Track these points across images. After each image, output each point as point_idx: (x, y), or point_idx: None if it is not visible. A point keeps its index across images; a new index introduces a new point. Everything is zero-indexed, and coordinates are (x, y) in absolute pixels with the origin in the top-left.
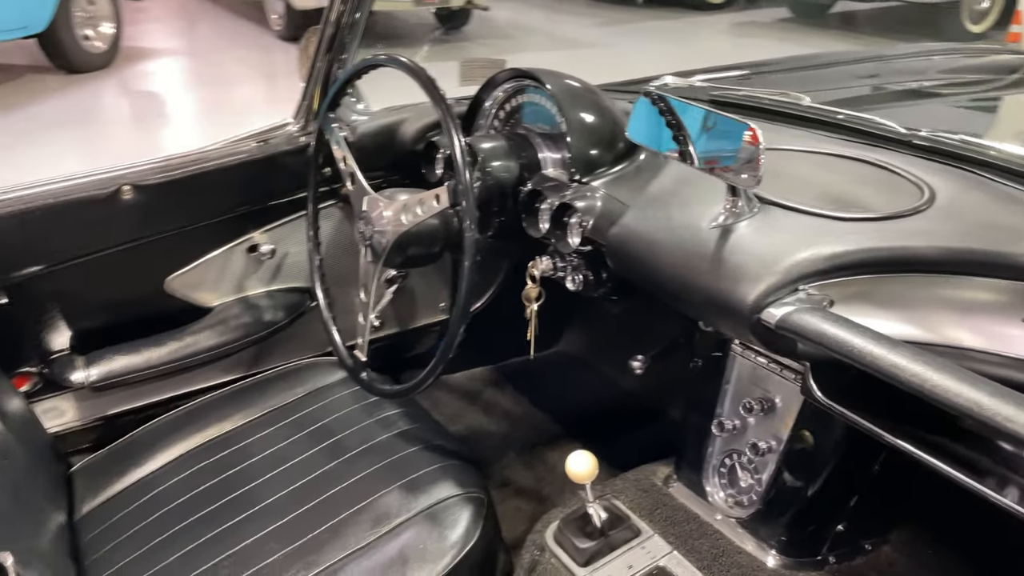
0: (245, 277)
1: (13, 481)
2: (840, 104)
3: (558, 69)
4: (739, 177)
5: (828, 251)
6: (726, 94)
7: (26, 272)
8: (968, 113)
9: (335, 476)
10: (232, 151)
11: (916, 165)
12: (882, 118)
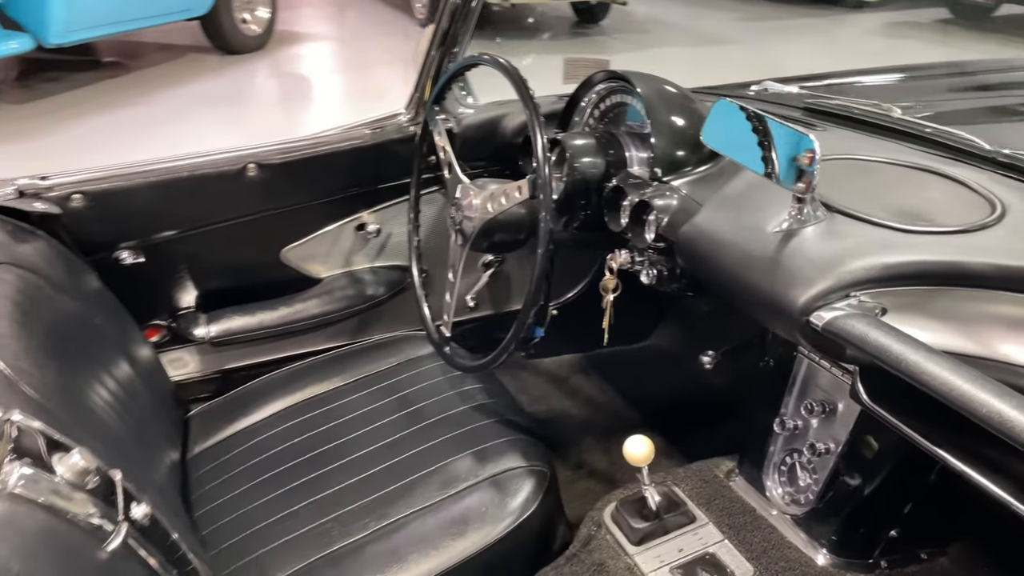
0: (352, 253)
1: (137, 419)
2: (938, 117)
3: (691, 65)
4: (795, 185)
5: (883, 260)
6: (820, 102)
7: (162, 236)
8: None
9: (413, 440)
10: (347, 137)
11: (996, 182)
12: (974, 134)
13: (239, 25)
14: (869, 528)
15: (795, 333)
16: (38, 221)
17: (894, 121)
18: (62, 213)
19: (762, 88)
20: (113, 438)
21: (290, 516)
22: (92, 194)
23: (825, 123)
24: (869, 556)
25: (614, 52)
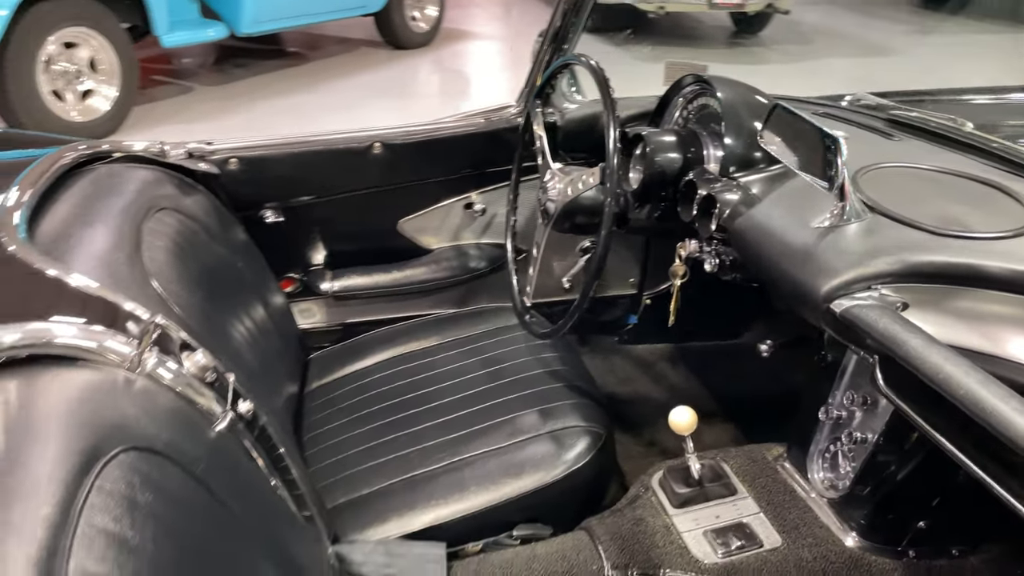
0: (460, 229)
1: (266, 355)
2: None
3: (842, 74)
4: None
5: (905, 257)
6: (900, 114)
7: (300, 200)
8: None
9: (490, 394)
10: (462, 124)
11: None
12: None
13: (408, 22)
14: (897, 516)
15: (819, 319)
16: (201, 179)
17: (964, 135)
18: (220, 174)
19: (856, 99)
20: (241, 361)
21: (380, 445)
22: (246, 159)
23: (902, 134)
24: (897, 544)
25: (765, 63)
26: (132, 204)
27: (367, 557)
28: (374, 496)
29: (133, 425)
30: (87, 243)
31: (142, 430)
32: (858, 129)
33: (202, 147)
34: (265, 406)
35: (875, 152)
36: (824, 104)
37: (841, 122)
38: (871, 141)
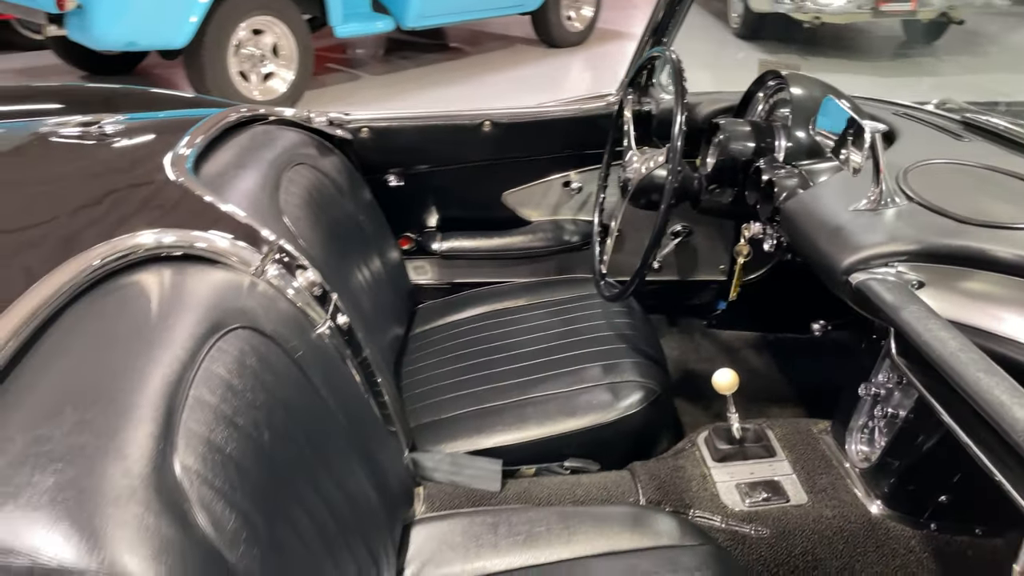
0: (558, 204)
1: (378, 299)
2: None
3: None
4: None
5: (925, 239)
6: (974, 118)
7: (418, 168)
8: None
9: (562, 348)
10: (564, 108)
11: None
12: None
13: (564, 21)
14: (919, 488)
15: (840, 290)
16: (337, 143)
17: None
18: (353, 140)
19: (941, 102)
20: (354, 300)
21: (461, 382)
22: (376, 129)
23: (974, 136)
24: (919, 516)
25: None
26: (278, 157)
27: (437, 464)
28: (450, 420)
29: (250, 313)
30: (238, 182)
31: (257, 318)
32: (930, 129)
33: (340, 116)
34: (372, 341)
35: (935, 150)
36: (907, 106)
37: (917, 122)
38: (937, 140)
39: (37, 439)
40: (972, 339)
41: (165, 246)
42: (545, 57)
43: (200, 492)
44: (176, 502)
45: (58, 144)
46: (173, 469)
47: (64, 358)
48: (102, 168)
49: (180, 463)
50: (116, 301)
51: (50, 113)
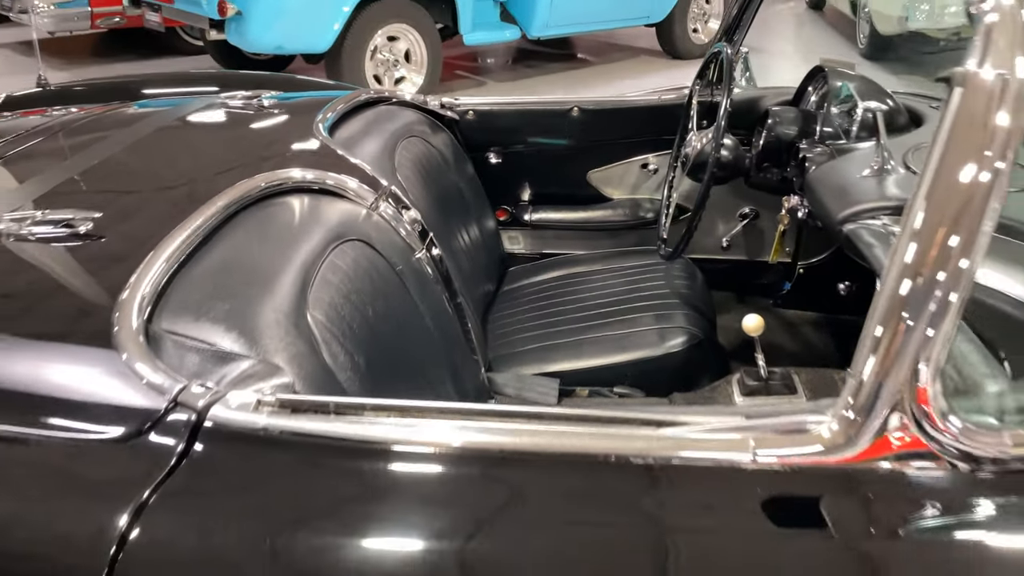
0: (637, 184)
1: (475, 261)
2: None
3: None
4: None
5: (901, 195)
6: None
7: (514, 147)
8: None
9: (624, 301)
10: (644, 98)
11: None
12: None
13: (689, 34)
14: None
15: (837, 238)
16: (447, 123)
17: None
18: (460, 121)
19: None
20: (453, 256)
21: (533, 325)
22: (479, 112)
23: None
24: None
25: None
26: (396, 129)
27: (507, 381)
28: (520, 352)
29: (365, 233)
30: (364, 144)
31: (370, 237)
32: None
33: (451, 100)
34: (467, 290)
35: None
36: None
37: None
38: None
39: (220, 283)
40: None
41: (307, 180)
42: (669, 68)
43: (322, 334)
44: (306, 336)
45: (228, 111)
46: (306, 316)
47: (237, 241)
48: (262, 128)
49: (310, 314)
50: (272, 212)
51: (208, 94)
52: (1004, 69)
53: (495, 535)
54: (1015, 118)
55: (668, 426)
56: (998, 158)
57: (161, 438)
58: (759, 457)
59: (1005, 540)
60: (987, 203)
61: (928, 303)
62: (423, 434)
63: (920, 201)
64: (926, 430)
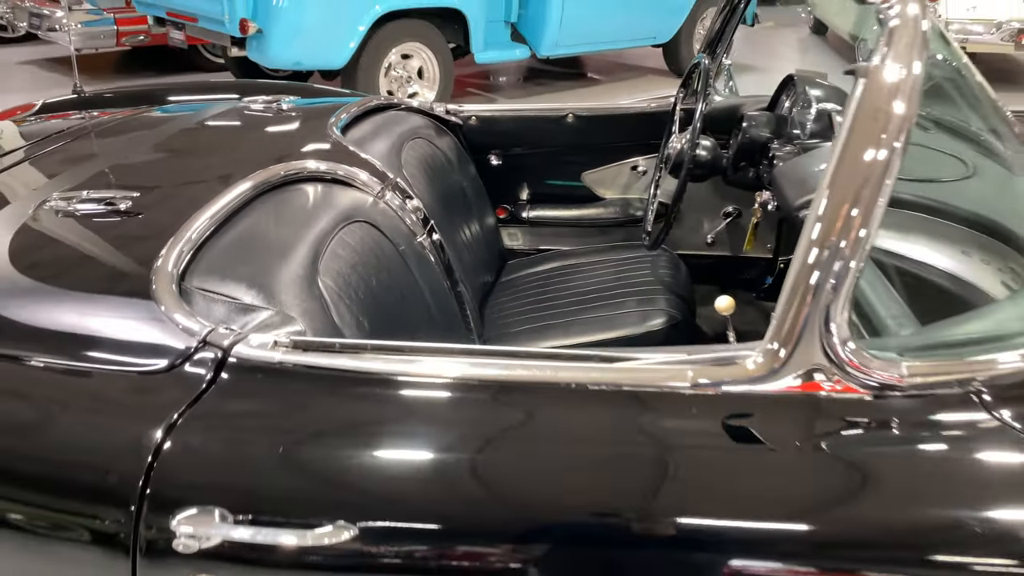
0: (628, 184)
1: (475, 254)
2: None
3: None
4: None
5: None
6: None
7: (514, 150)
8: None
9: (612, 287)
10: (634, 105)
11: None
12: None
13: (695, 54)
14: None
15: (796, 224)
16: (451, 127)
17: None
18: (463, 125)
19: None
20: (456, 249)
21: (527, 309)
22: (481, 118)
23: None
24: None
25: None
26: (404, 131)
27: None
28: (514, 333)
29: (372, 217)
30: (373, 143)
31: (376, 220)
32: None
33: (455, 108)
34: (467, 279)
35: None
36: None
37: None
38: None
39: (242, 252)
40: (884, 258)
41: (320, 171)
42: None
43: (331, 297)
44: (317, 297)
45: (249, 113)
46: (317, 281)
47: (257, 219)
48: (281, 128)
49: (321, 280)
50: (288, 197)
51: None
52: (902, 65)
53: (477, 447)
54: (908, 106)
55: (620, 361)
56: (893, 140)
57: (192, 370)
58: (696, 384)
59: (900, 451)
60: (883, 179)
61: (835, 260)
62: (418, 368)
63: (830, 174)
64: (835, 361)
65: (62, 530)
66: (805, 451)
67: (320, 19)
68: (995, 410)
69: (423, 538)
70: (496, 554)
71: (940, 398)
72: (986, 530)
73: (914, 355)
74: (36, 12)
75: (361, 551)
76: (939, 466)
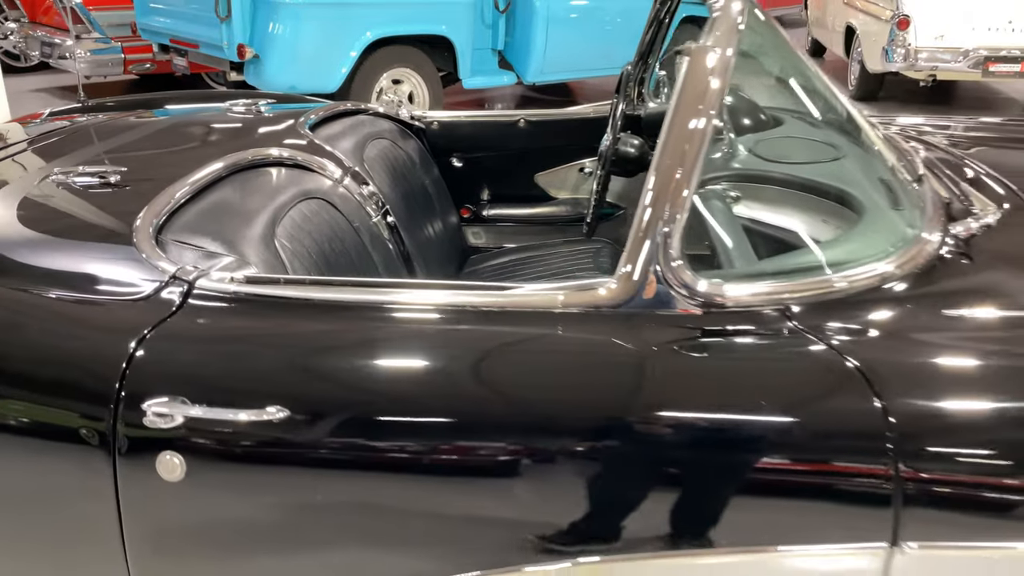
0: (576, 185)
1: (438, 248)
2: None
3: None
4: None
5: (737, 168)
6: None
7: (474, 153)
8: None
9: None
10: (580, 111)
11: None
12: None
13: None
14: None
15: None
16: (415, 131)
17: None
18: (426, 129)
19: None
20: (418, 242)
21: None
22: (442, 123)
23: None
24: None
25: None
26: (369, 132)
27: None
28: None
29: (331, 197)
30: (338, 140)
31: (334, 200)
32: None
33: (420, 113)
34: (428, 269)
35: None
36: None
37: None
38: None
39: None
40: (757, 227)
41: (284, 156)
42: None
43: (286, 253)
44: (273, 252)
45: (231, 114)
46: (274, 240)
47: (226, 194)
48: (257, 124)
49: (278, 240)
50: (255, 176)
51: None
52: (719, 48)
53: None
54: (723, 82)
55: (508, 290)
56: (711, 109)
57: (163, 297)
58: (565, 305)
59: (723, 355)
60: (704, 137)
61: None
62: (343, 295)
63: (664, 134)
64: (672, 285)
65: (55, 424)
66: (647, 355)
67: (314, 45)
68: (798, 321)
69: (335, 421)
70: (360, 442)
71: (756, 313)
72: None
73: (740, 281)
74: (48, 41)
75: (294, 427)
76: (752, 365)
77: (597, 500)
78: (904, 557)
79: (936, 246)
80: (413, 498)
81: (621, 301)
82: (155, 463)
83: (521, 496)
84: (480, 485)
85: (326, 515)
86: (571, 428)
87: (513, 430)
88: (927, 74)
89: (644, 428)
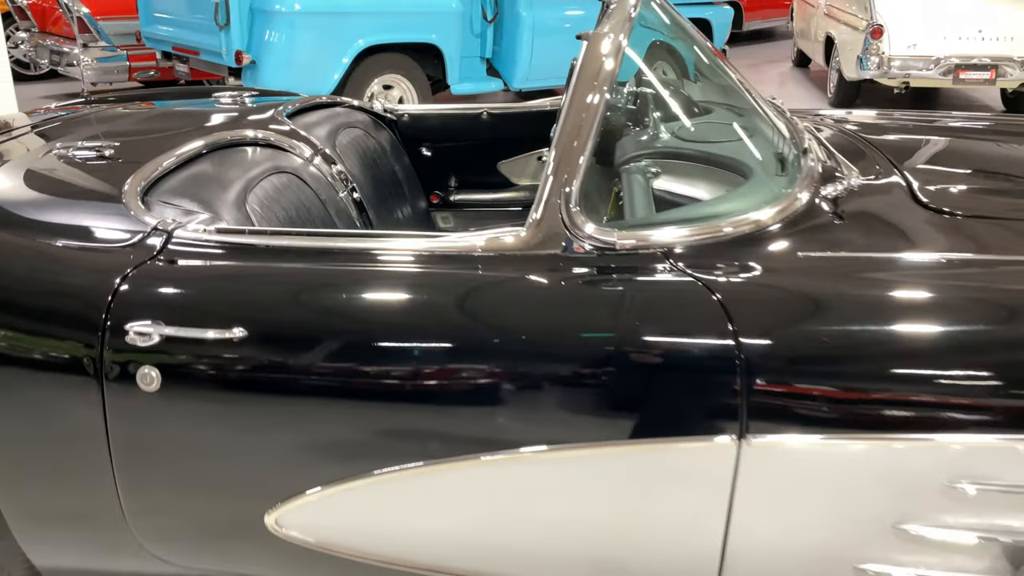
0: (535, 173)
1: (409, 228)
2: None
3: None
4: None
5: (657, 147)
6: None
7: (442, 143)
8: None
9: None
10: (538, 105)
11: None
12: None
13: None
14: None
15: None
16: (387, 123)
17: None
18: (397, 121)
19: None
20: (389, 226)
21: None
22: (412, 115)
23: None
24: None
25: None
26: (343, 121)
27: None
28: None
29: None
30: (313, 127)
31: (305, 176)
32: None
33: (392, 106)
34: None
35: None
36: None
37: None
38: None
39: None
40: (670, 197)
41: (259, 137)
42: None
43: (255, 215)
44: (244, 213)
45: (218, 104)
46: (245, 205)
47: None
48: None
49: (249, 205)
50: (231, 154)
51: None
52: (612, 35)
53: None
54: (615, 63)
55: (441, 239)
56: (604, 86)
57: (145, 243)
58: (483, 249)
59: (611, 290)
60: (598, 110)
61: (567, 163)
62: (299, 242)
63: (565, 106)
64: (571, 232)
65: (52, 346)
66: (552, 290)
67: (308, 52)
68: (678, 261)
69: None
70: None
71: (642, 255)
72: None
73: (632, 229)
74: (56, 50)
75: (252, 345)
76: (635, 298)
77: (502, 399)
78: (750, 448)
79: (805, 202)
80: (353, 406)
81: (529, 246)
82: (135, 376)
83: (441, 399)
84: (409, 395)
85: (279, 419)
86: (488, 346)
87: (443, 350)
88: (900, 82)
89: (545, 344)
